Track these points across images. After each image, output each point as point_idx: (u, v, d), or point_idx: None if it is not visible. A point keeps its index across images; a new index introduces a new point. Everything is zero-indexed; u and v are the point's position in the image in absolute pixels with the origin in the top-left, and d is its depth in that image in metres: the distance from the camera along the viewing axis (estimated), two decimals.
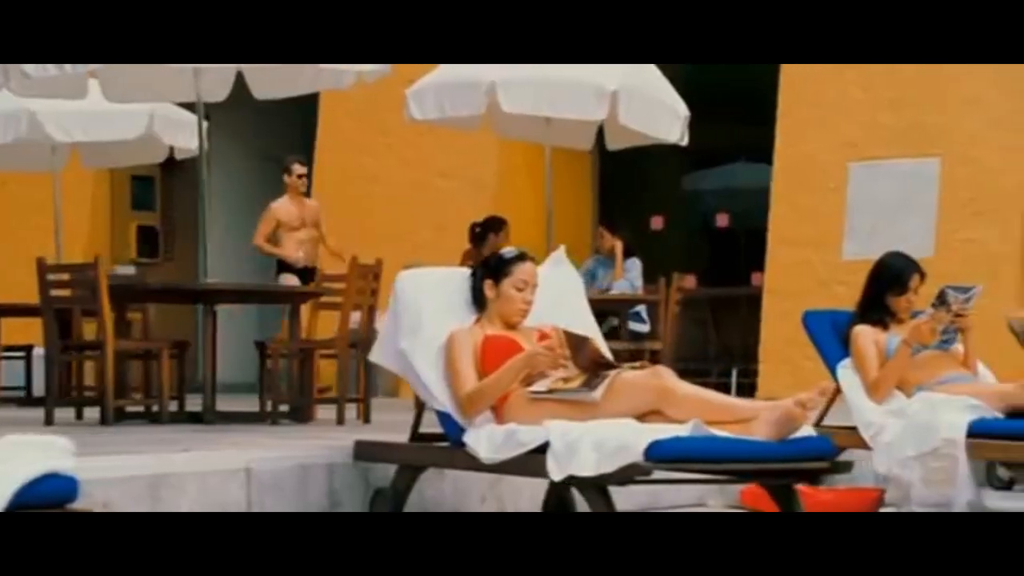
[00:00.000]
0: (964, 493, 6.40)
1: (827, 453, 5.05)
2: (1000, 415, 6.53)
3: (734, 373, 12.21)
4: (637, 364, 5.47)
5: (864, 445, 6.72)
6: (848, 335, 6.97)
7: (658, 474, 4.98)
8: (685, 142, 10.37)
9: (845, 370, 6.95)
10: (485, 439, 5.33)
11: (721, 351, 12.78)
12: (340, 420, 8.35)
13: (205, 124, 8.98)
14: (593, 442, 4.96)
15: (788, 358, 11.22)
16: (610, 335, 10.79)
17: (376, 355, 5.98)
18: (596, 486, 4.98)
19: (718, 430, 5.04)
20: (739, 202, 13.31)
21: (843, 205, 11.93)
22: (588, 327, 5.95)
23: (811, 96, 12.01)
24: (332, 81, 8.93)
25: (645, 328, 10.82)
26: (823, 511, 6.66)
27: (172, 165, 12.75)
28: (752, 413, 5.12)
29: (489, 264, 5.70)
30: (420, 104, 9.95)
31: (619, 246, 10.87)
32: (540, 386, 5.35)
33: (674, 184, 13.87)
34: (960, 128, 11.53)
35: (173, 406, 8.53)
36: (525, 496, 6.24)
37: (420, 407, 5.88)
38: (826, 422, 7.15)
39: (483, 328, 5.62)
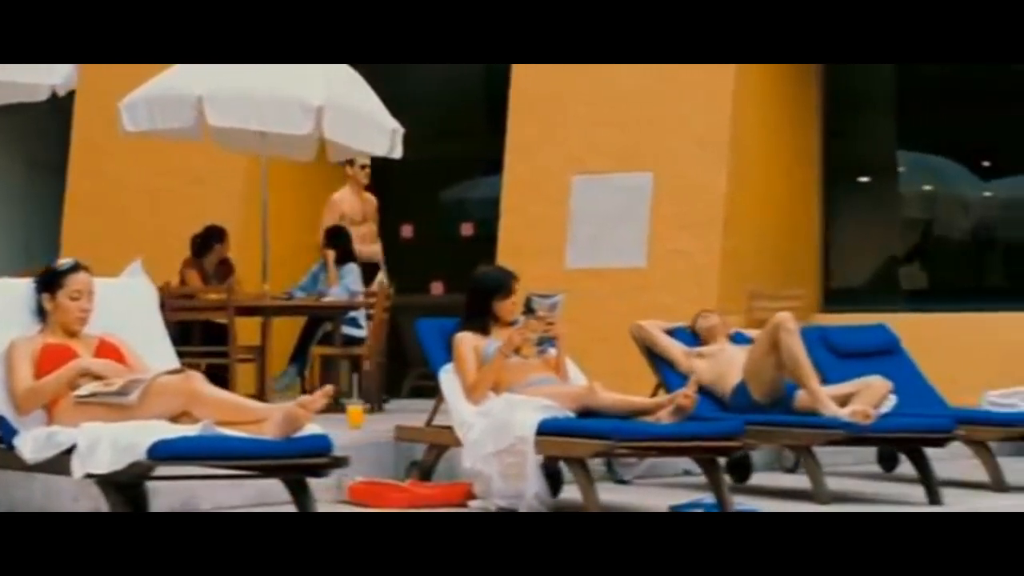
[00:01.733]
0: (533, 486, 7.00)
1: (325, 449, 5.59)
2: (571, 414, 7.14)
3: None
4: (175, 370, 5.96)
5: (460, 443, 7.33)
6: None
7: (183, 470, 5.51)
8: (397, 155, 10.84)
9: (446, 374, 7.54)
10: (31, 440, 5.79)
11: None
12: None
13: None
14: (111, 441, 5.46)
15: None
16: (325, 339, 11.36)
17: None
18: (110, 483, 5.47)
19: (233, 430, 5.58)
20: (485, 212, 13.86)
21: (566, 217, 12.55)
22: (157, 337, 6.46)
23: (539, 112, 12.61)
24: (26, 94, 9.34)
25: (361, 332, 11.33)
26: (419, 503, 7.26)
27: None
28: (265, 414, 5.67)
29: (44, 277, 6.18)
30: (132, 116, 10.38)
31: (330, 255, 11.34)
32: (84, 390, 5.85)
33: (428, 194, 14.40)
34: (670, 146, 12.18)
35: None
36: None
37: None
38: (436, 422, 7.77)
39: (44, 337, 6.11)
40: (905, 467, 8.16)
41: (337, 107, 10.31)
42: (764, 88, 12.32)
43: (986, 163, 12.59)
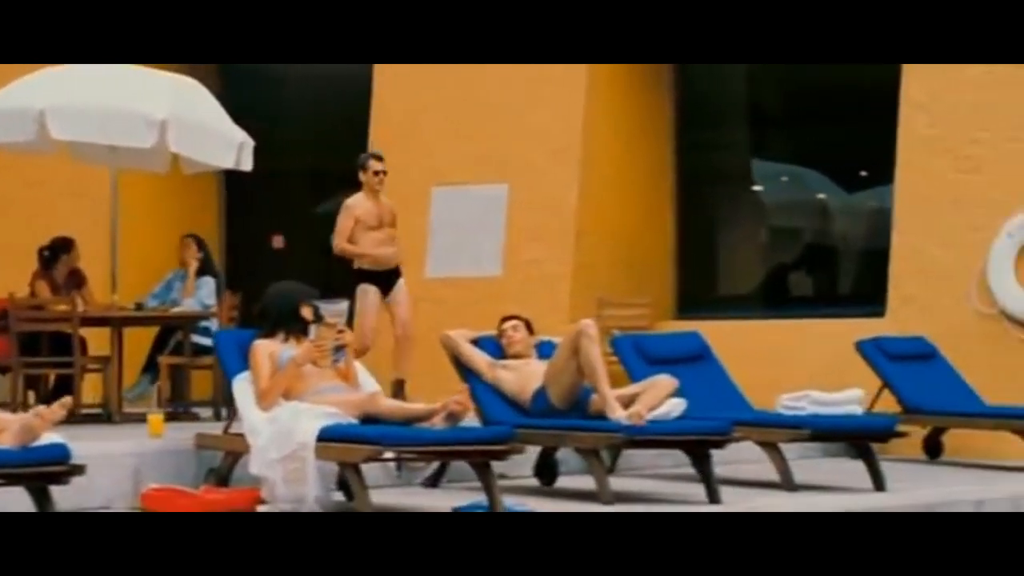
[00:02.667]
0: (314, 490, 7.20)
1: (62, 457, 5.76)
2: (355, 421, 7.33)
3: None
4: None
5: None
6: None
7: None
8: (247, 167, 10.98)
9: (240, 382, 7.72)
10: None
11: None
12: None
13: None
14: None
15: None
16: (176, 350, 11.51)
17: None
18: None
19: None
20: None
21: (426, 227, 12.74)
22: None
23: (400, 124, 12.81)
24: None
25: (210, 342, 11.47)
26: (207, 509, 7.42)
27: None
28: (3, 425, 5.83)
29: None
30: None
31: (192, 265, 11.47)
32: None
33: (300, 205, 14.56)
34: (525, 157, 12.40)
35: None
36: None
37: None
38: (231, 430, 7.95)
39: None
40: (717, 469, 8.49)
41: (182, 120, 10.45)
42: (616, 101, 12.55)
43: (840, 171, 12.83)
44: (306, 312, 7.81)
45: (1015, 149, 10.93)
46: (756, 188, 13.30)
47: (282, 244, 14.34)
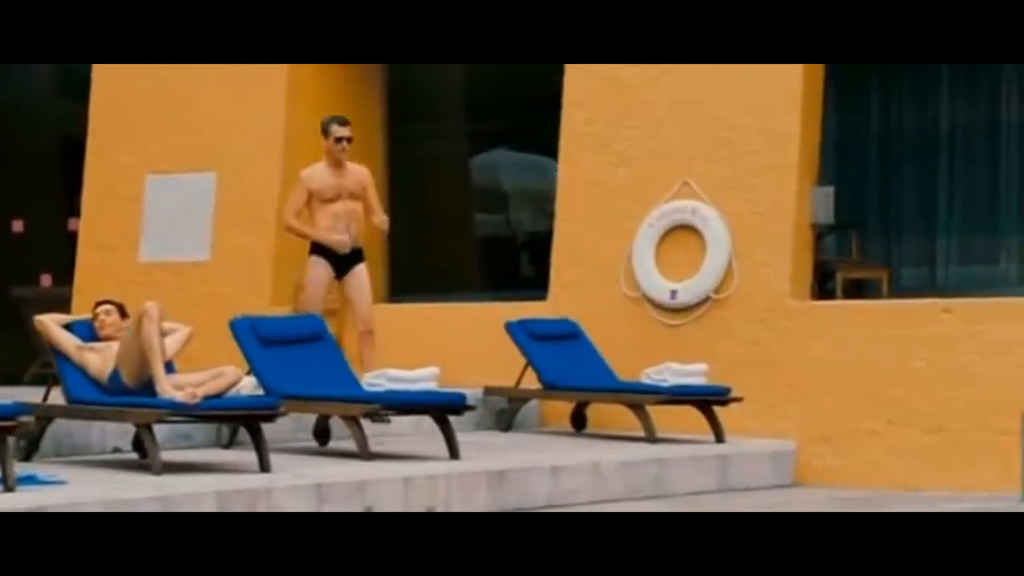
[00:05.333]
0: None
1: None
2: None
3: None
4: None
5: None
6: None
7: None
8: None
9: None
10: None
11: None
12: None
13: None
14: None
15: None
16: None
17: None
18: None
19: None
20: None
21: (141, 213, 13.47)
22: None
23: (118, 114, 13.49)
24: None
25: None
26: None
27: None
28: None
29: None
30: None
31: None
32: None
33: (41, 189, 15.18)
34: (231, 147, 13.13)
35: None
36: None
37: None
38: None
39: None
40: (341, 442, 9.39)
41: None
42: (320, 94, 13.23)
43: (531, 164, 13.66)
44: None
45: (657, 146, 11.80)
46: (467, 177, 14.10)
47: (21, 228, 14.98)
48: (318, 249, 10.59)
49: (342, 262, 10.59)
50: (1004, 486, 9.85)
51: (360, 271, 10.72)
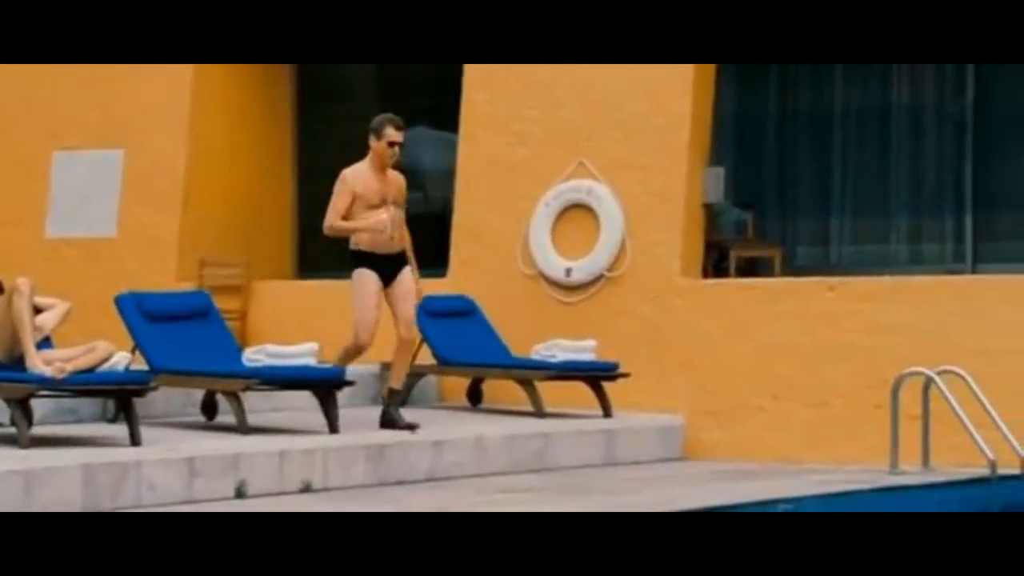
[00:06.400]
0: None
1: None
2: None
3: None
4: None
5: None
6: None
7: None
8: None
9: None
10: None
11: None
12: None
13: None
14: None
15: None
16: None
17: None
18: None
19: None
20: None
21: (47, 190, 13.55)
22: None
23: (20, 89, 13.54)
24: None
25: None
26: None
27: None
28: None
29: None
30: None
31: None
32: None
33: None
34: (139, 126, 13.22)
35: None
36: None
37: None
38: None
39: None
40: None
41: None
42: (227, 69, 13.23)
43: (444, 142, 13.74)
44: None
45: (555, 126, 11.93)
46: None
47: None
48: (361, 260, 9.78)
49: (387, 267, 9.78)
50: (876, 459, 10.05)
51: (406, 278, 9.91)
